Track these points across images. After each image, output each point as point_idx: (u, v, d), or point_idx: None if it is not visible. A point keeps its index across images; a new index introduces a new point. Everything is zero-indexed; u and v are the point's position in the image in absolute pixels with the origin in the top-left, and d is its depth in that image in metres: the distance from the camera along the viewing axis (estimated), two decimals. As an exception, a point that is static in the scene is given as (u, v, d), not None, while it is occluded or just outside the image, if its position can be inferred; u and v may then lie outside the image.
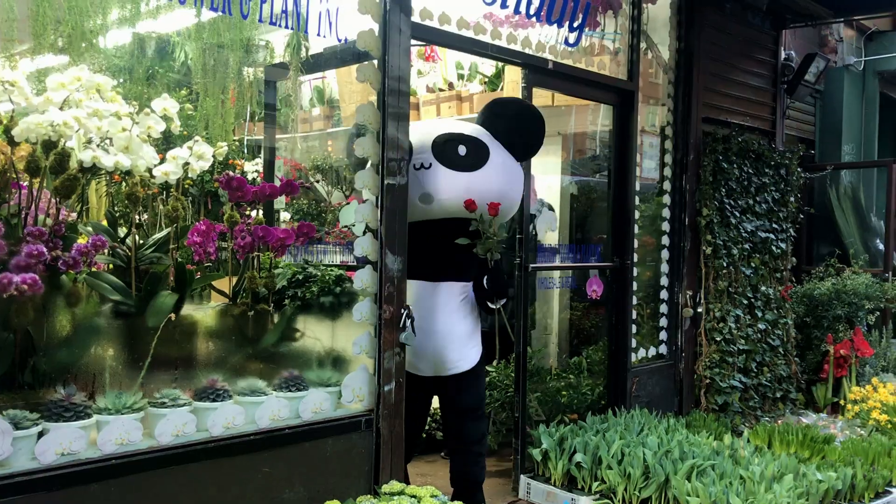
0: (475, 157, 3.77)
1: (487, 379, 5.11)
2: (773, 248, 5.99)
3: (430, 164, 3.70)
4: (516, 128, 3.97)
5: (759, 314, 5.83)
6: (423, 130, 3.86)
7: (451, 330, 3.81)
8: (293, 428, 3.15)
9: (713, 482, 3.79)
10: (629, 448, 4.13)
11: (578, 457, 4.21)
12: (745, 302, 5.76)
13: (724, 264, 5.61)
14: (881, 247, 8.08)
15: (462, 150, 3.76)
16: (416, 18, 3.61)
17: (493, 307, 3.81)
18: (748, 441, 4.78)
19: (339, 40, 3.38)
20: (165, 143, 3.38)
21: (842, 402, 5.86)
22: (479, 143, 3.82)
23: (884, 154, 9.11)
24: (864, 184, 8.66)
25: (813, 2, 6.06)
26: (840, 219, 7.99)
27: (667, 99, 5.54)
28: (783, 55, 6.42)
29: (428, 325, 3.72)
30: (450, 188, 3.70)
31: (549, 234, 5.31)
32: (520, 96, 4.47)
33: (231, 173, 3.42)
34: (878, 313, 6.88)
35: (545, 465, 4.38)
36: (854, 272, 6.77)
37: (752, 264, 5.83)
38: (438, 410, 5.37)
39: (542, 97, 5.17)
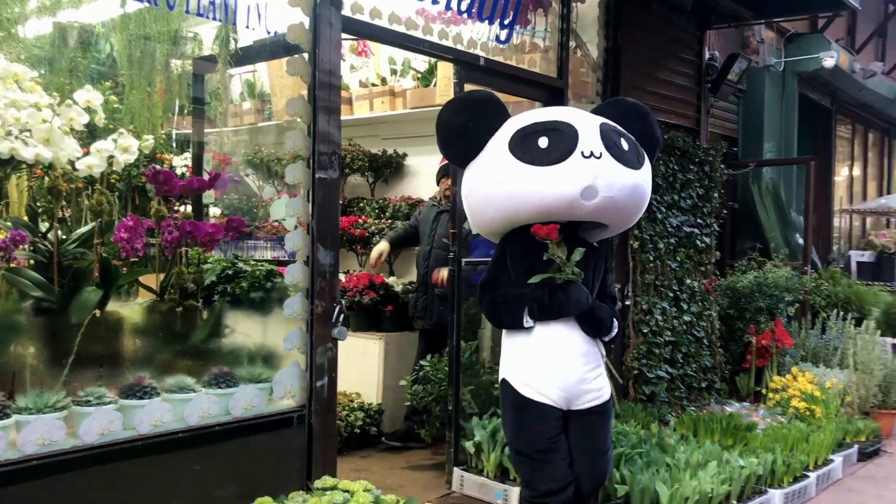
0: (636, 154, 3.24)
1: (421, 373, 5.14)
2: (698, 242, 6.16)
3: (601, 154, 3.09)
4: (649, 134, 3.44)
5: (685, 307, 5.99)
6: (570, 114, 3.27)
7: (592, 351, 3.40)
8: (223, 425, 3.12)
9: (641, 470, 3.89)
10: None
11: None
12: (671, 295, 5.91)
13: (651, 258, 5.74)
14: (800, 241, 8.39)
15: (625, 144, 3.20)
16: (346, 12, 3.59)
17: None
18: (675, 430, 4.92)
19: (269, 33, 3.35)
20: (91, 136, 3.29)
21: (764, 391, 6.07)
22: (634, 140, 3.30)
23: (803, 152, 9.44)
24: (784, 180, 8.97)
25: (735, 3, 6.25)
26: (762, 214, 8.26)
27: (596, 97, 5.64)
28: (707, 55, 6.60)
29: (569, 352, 3.26)
30: (620, 185, 3.11)
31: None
32: (451, 92, 4.50)
33: (158, 167, 3.35)
34: (798, 305, 7.14)
35: (478, 458, 4.43)
36: (775, 266, 7.00)
37: (678, 258, 5.98)
38: (376, 405, 5.37)
39: (474, 93, 5.21)
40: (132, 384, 2.89)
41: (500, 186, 3.18)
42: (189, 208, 3.68)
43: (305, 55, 3.38)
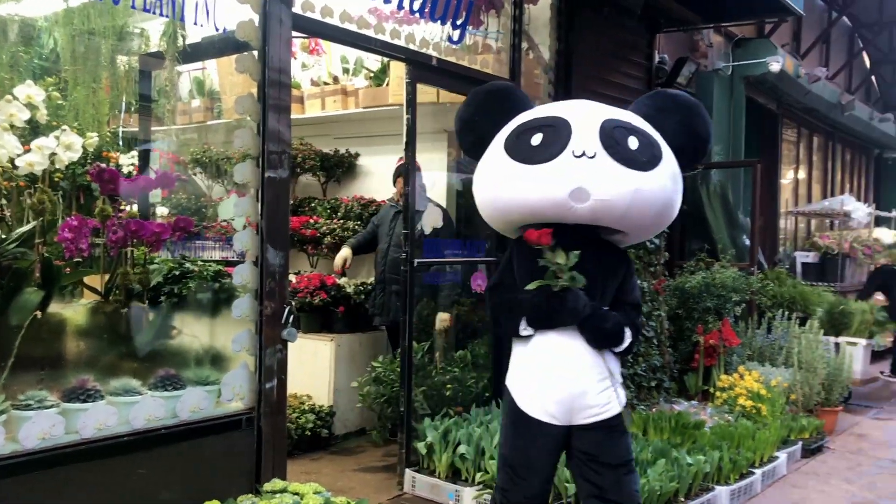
0: (648, 154, 2.91)
1: (373, 375, 5.12)
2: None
3: (595, 154, 2.83)
4: (688, 129, 3.07)
5: (635, 307, 6.05)
6: (575, 109, 3.05)
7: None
8: (170, 428, 3.06)
9: (591, 469, 3.91)
10: (511, 438, 4.21)
11: (462, 448, 4.27)
12: (622, 295, 5.96)
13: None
14: (747, 242, 8.56)
15: (634, 143, 2.90)
16: (297, 10, 3.56)
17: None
18: (624, 428, 4.96)
19: (218, 30, 3.30)
20: (33, 133, 3.20)
21: (711, 389, 6.16)
22: (652, 138, 2.98)
23: (750, 154, 9.62)
24: (731, 183, 9.13)
25: (684, 8, 6.35)
26: (710, 216, 8.39)
27: (547, 98, 5.67)
28: (657, 58, 6.69)
29: (570, 363, 3.02)
30: (616, 188, 2.83)
31: (435, 229, 5.35)
32: (404, 92, 4.49)
33: (103, 165, 3.28)
34: (745, 305, 7.27)
35: (430, 459, 4.42)
36: (722, 266, 7.12)
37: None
38: (327, 407, 5.33)
39: (427, 93, 5.21)
40: (75, 387, 2.83)
41: (493, 185, 3.04)
42: (135, 208, 3.60)
43: (255, 53, 3.34)
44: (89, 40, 3.45)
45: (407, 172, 4.49)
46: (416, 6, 4.39)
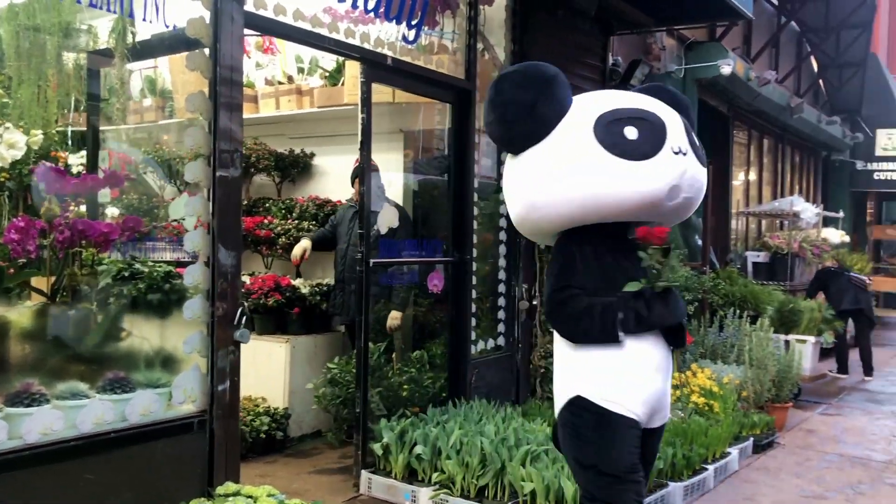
0: (702, 152, 2.95)
1: (329, 376, 5.09)
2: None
3: (687, 151, 2.82)
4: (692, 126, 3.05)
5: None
6: (657, 107, 2.89)
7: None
8: (119, 432, 3.01)
9: (546, 467, 3.94)
10: (468, 438, 4.23)
11: (419, 449, 4.26)
12: (578, 294, 6.01)
13: (558, 259, 5.83)
14: (699, 242, 8.69)
15: (695, 140, 2.93)
16: (249, 8, 3.52)
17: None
18: (580, 427, 4.99)
19: (168, 27, 3.25)
20: (-23, 132, 3.12)
21: (665, 387, 6.23)
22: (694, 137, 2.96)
23: (702, 156, 9.74)
24: (684, 183, 9.22)
25: (637, 10, 6.42)
26: (664, 216, 8.48)
27: (504, 99, 5.68)
28: (611, 60, 6.76)
29: (660, 363, 2.91)
30: (699, 185, 2.87)
31: (392, 229, 5.34)
32: (358, 91, 4.46)
33: (48, 164, 3.21)
34: (697, 304, 7.38)
35: (386, 459, 4.40)
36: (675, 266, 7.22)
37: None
38: (282, 409, 5.27)
39: (382, 93, 5.19)
40: (19, 391, 2.76)
41: (582, 177, 2.74)
42: (84, 208, 3.53)
43: (206, 50, 3.30)
44: (34, 37, 3.37)
45: (362, 172, 4.46)
46: (371, 5, 4.37)
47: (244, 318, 3.36)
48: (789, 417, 6.77)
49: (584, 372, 2.85)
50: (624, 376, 2.80)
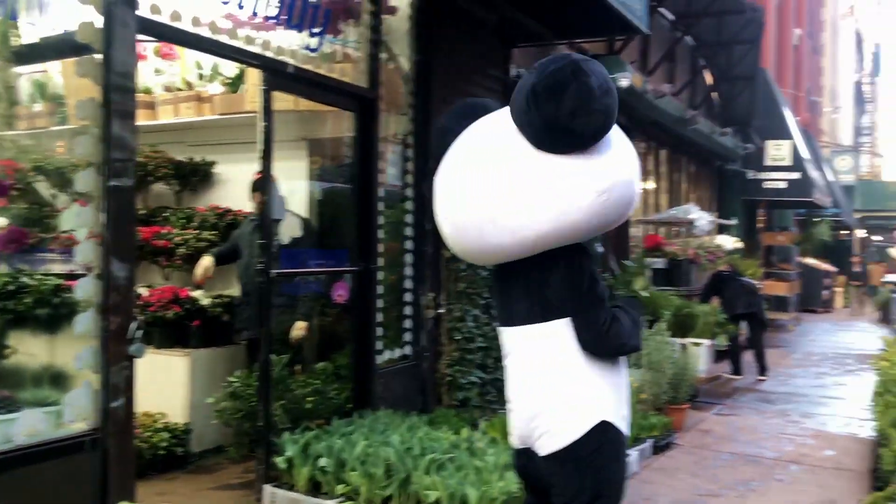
0: None
1: (230, 390, 4.98)
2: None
3: None
4: None
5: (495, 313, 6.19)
6: None
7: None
8: (4, 454, 2.87)
9: (451, 474, 3.96)
10: (373, 449, 4.21)
11: (323, 461, 4.22)
12: (482, 302, 6.08)
13: (463, 267, 5.89)
14: (600, 249, 8.91)
15: None
16: (144, 13, 3.43)
17: None
18: (484, 433, 5.05)
19: (56, 31, 3.13)
20: None
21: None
22: None
23: (602, 166, 9.98)
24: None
25: (537, 24, 6.56)
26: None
27: (408, 108, 5.72)
28: (513, 72, 6.87)
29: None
30: None
31: (295, 239, 5.27)
32: (259, 99, 4.40)
33: (-76, 173, 3.04)
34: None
35: (290, 473, 4.34)
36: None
37: (488, 266, 6.17)
38: (183, 424, 5.13)
39: (285, 101, 5.13)
40: None
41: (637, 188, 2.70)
42: (-34, 218, 3.36)
43: (97, 56, 3.19)
44: None
45: (263, 182, 4.40)
46: (272, 13, 4.33)
47: (139, 331, 3.25)
48: (686, 418, 7.02)
49: (605, 393, 2.61)
50: (624, 393, 2.69)
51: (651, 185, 12.95)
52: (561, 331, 2.58)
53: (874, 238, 38.89)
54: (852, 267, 20.74)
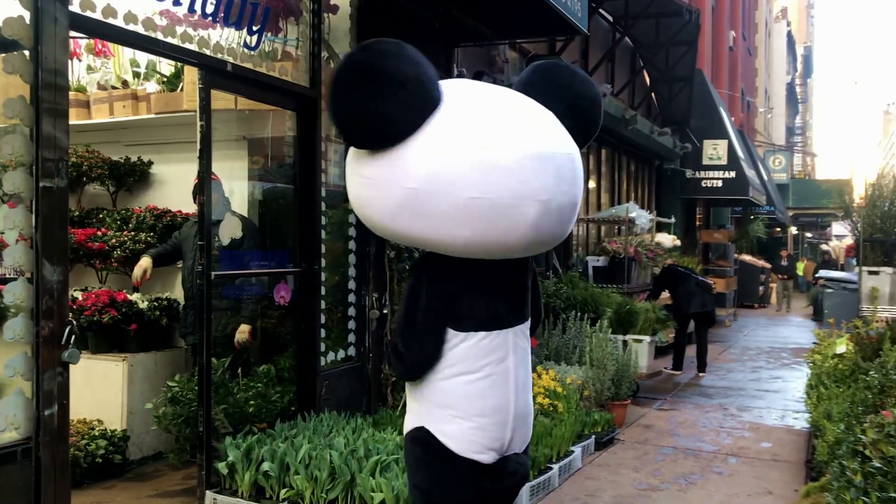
0: None
1: (170, 395, 4.88)
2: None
3: None
4: (576, 109, 2.76)
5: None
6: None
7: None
8: (-72, 466, 2.75)
9: (396, 476, 3.94)
10: (316, 451, 4.17)
11: (266, 465, 4.16)
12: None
13: (407, 267, 5.87)
14: (544, 248, 8.97)
15: None
16: (75, 8, 3.33)
17: None
18: (430, 434, 5.04)
19: (-19, 26, 3.01)
20: None
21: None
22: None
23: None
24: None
25: (479, 24, 6.58)
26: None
27: (349, 107, 5.66)
28: (456, 72, 6.88)
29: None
30: None
31: (236, 240, 5.19)
32: (197, 97, 4.31)
33: None
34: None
35: (232, 478, 4.27)
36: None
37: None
38: (120, 431, 5.01)
39: (224, 100, 5.04)
40: None
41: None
42: None
43: (26, 52, 3.08)
44: None
45: (202, 183, 4.31)
46: (210, 10, 4.24)
47: (73, 337, 3.16)
48: (628, 414, 7.12)
49: None
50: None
51: (591, 184, 13.12)
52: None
53: (807, 235, 40.11)
54: (781, 261, 21.39)
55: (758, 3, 33.13)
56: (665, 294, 10.16)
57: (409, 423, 2.82)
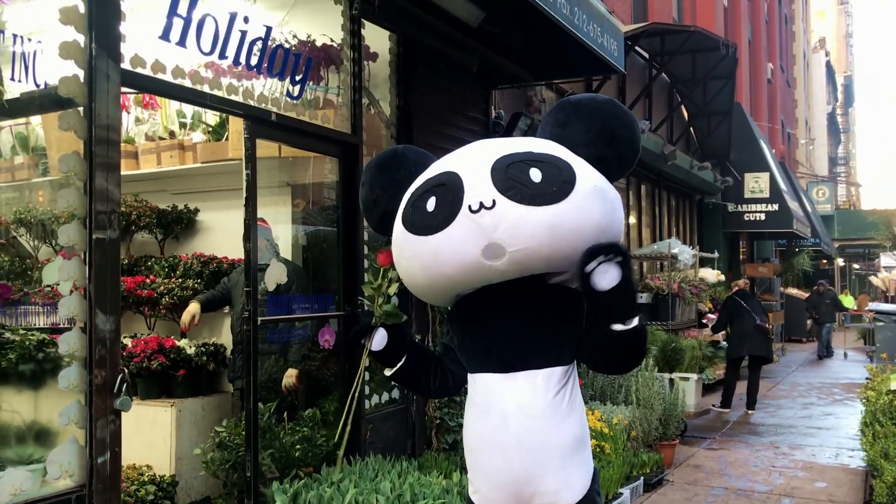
0: (557, 181, 2.44)
1: (217, 440, 4.91)
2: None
3: (494, 203, 2.40)
4: (601, 135, 2.62)
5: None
6: (464, 156, 2.65)
7: (544, 442, 2.50)
8: (-12, 514, 2.81)
9: (443, 521, 3.91)
10: (363, 496, 4.16)
11: (313, 510, 4.16)
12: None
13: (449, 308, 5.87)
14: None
15: (537, 174, 2.44)
16: (126, 66, 3.45)
17: (624, 328, 2.42)
18: (476, 477, 5.00)
19: (38, 85, 3.14)
20: None
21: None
22: (558, 161, 2.51)
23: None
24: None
25: (516, 66, 6.65)
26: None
27: (390, 153, 5.74)
28: (494, 113, 6.95)
29: (503, 438, 2.52)
30: (529, 231, 2.40)
31: (281, 285, 5.26)
32: (242, 146, 4.41)
33: None
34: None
35: (280, 523, 4.26)
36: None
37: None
38: (169, 476, 5.04)
39: (268, 147, 5.15)
40: None
41: (403, 265, 2.70)
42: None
43: (80, 109, 3.20)
44: None
45: (248, 229, 4.39)
46: (254, 62, 4.36)
47: (125, 384, 3.22)
48: (677, 454, 7.00)
49: (586, 438, 2.62)
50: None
51: (632, 219, 13.05)
52: None
53: (854, 266, 39.28)
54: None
55: (795, 34, 32.98)
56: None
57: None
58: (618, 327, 2.38)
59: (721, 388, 10.02)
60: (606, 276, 2.34)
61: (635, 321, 2.37)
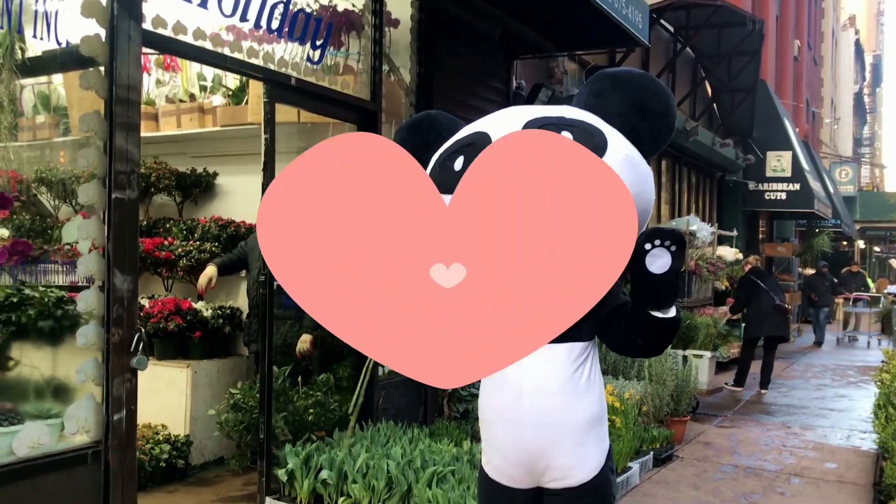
0: (588, 146, 2.33)
1: (232, 402, 4.97)
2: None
3: None
4: (636, 107, 2.56)
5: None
6: (495, 119, 2.62)
7: (558, 420, 2.43)
8: (6, 466, 2.87)
9: (452, 487, 3.95)
10: (374, 461, 4.20)
11: (324, 474, 4.21)
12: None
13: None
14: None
15: (568, 136, 2.38)
16: (148, 26, 3.45)
17: (661, 316, 2.32)
18: (486, 446, 5.04)
19: (60, 44, 3.14)
20: None
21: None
22: (591, 128, 2.48)
23: (603, 177, 10.01)
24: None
25: (539, 36, 6.58)
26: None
27: (409, 120, 5.73)
28: (514, 84, 6.90)
29: (517, 413, 2.46)
30: None
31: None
32: (262, 111, 4.41)
33: (-71, 185, 3.05)
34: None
35: (291, 485, 4.33)
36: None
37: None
38: (184, 436, 5.12)
39: (287, 112, 5.14)
40: None
41: None
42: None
43: (101, 69, 3.20)
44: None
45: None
46: (275, 25, 4.34)
47: (141, 344, 3.25)
48: (687, 431, 7.01)
49: (604, 416, 2.53)
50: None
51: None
52: None
53: (875, 249, 38.93)
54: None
55: (824, 11, 32.41)
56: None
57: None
58: (655, 314, 2.33)
59: (735, 367, 10.00)
60: (659, 261, 2.28)
61: (672, 311, 2.34)
